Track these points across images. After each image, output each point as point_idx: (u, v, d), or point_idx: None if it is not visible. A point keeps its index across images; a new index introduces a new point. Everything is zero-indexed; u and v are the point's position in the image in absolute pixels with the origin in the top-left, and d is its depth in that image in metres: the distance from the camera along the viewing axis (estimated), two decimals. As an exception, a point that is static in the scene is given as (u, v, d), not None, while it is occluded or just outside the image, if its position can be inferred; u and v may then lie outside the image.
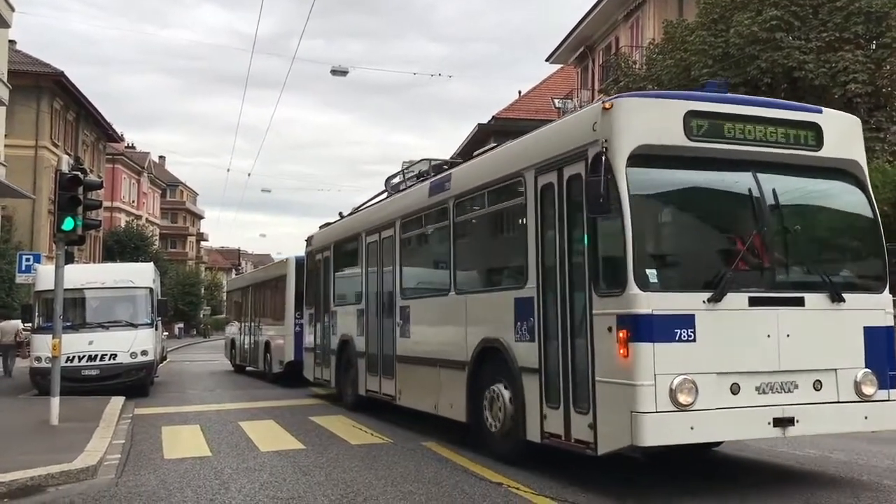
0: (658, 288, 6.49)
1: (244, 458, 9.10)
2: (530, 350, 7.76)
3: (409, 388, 11.02)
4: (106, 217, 53.08)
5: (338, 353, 14.09)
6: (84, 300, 17.50)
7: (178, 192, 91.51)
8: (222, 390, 19.04)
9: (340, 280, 14.68)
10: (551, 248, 7.56)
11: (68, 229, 11.36)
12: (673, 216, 7.39)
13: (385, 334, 11.87)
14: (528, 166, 8.04)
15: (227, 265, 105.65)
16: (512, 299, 8.13)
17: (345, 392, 13.92)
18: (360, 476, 7.87)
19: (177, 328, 66.20)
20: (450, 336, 9.63)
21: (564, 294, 7.30)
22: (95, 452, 8.91)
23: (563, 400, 7.24)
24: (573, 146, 7.25)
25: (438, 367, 9.92)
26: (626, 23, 29.68)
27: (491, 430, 8.56)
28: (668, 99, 7.26)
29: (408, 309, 11.05)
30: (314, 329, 15.78)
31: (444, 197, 10.04)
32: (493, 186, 8.93)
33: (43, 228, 39.46)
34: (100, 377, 16.22)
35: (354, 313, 13.30)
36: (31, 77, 39.58)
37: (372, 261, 12.65)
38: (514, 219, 8.62)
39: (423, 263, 11.60)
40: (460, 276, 9.74)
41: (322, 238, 15.84)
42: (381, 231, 12.22)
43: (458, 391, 9.32)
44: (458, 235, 9.80)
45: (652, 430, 6.25)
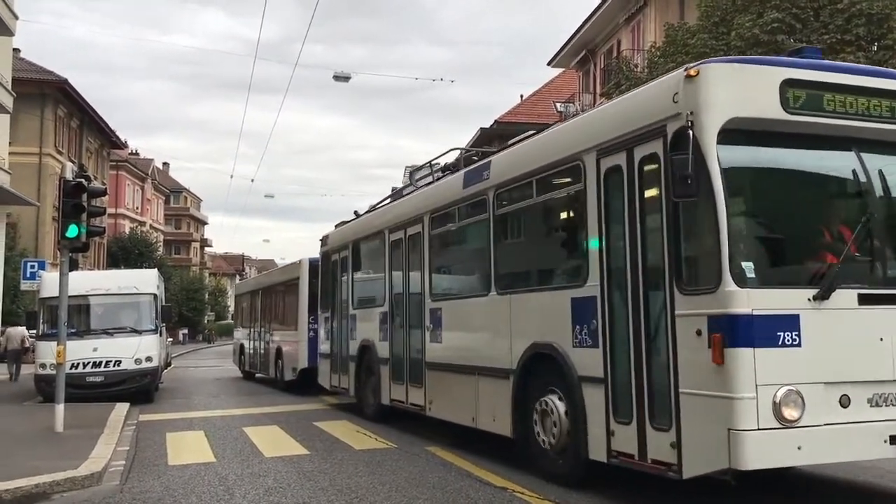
0: (756, 284, 5.68)
1: (249, 463, 9.11)
2: (592, 357, 6.89)
3: (442, 398, 10.16)
4: (110, 224, 53.23)
5: (357, 359, 13.24)
6: (88, 307, 17.53)
7: (181, 198, 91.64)
8: (227, 396, 19.05)
9: (360, 281, 13.94)
10: (618, 241, 6.70)
11: (72, 236, 11.39)
12: (769, 201, 6.38)
13: (412, 339, 11.09)
14: (587, 148, 7.15)
15: (231, 271, 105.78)
16: (568, 299, 7.27)
17: (365, 401, 13.10)
18: (365, 481, 7.88)
19: (181, 334, 66.24)
20: (490, 341, 8.83)
21: (636, 292, 6.43)
22: (100, 459, 8.93)
23: (636, 415, 6.37)
24: (647, 122, 6.39)
25: (476, 375, 9.07)
26: (627, 26, 29.70)
27: (543, 446, 7.69)
28: (762, 65, 6.31)
29: (439, 311, 10.22)
30: (330, 334, 15.04)
31: (482, 187, 9.18)
32: (543, 173, 8.01)
33: (47, 235, 39.56)
34: (104, 384, 16.23)
35: (376, 317, 12.46)
36: (35, 84, 39.73)
37: (396, 260, 11.84)
38: (570, 209, 7.81)
39: (457, 262, 10.72)
40: (502, 274, 8.81)
41: (339, 237, 15.06)
42: (407, 228, 11.42)
43: (501, 402, 8.45)
44: (499, 229, 8.93)
45: (754, 451, 5.41)
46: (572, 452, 7.26)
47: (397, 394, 11.57)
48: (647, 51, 25.19)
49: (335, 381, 14.75)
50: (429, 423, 10.75)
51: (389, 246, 12.11)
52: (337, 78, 27.23)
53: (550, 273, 8.30)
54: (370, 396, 12.80)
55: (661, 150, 6.20)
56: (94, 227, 12.13)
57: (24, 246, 37.46)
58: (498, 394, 8.53)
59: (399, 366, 11.51)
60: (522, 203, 8.56)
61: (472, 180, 9.51)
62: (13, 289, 32.22)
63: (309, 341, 17.68)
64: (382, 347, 12.13)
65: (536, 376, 7.89)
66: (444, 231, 10.53)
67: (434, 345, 10.29)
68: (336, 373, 14.63)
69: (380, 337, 12.26)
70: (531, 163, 8.27)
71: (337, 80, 27.27)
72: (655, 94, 6.49)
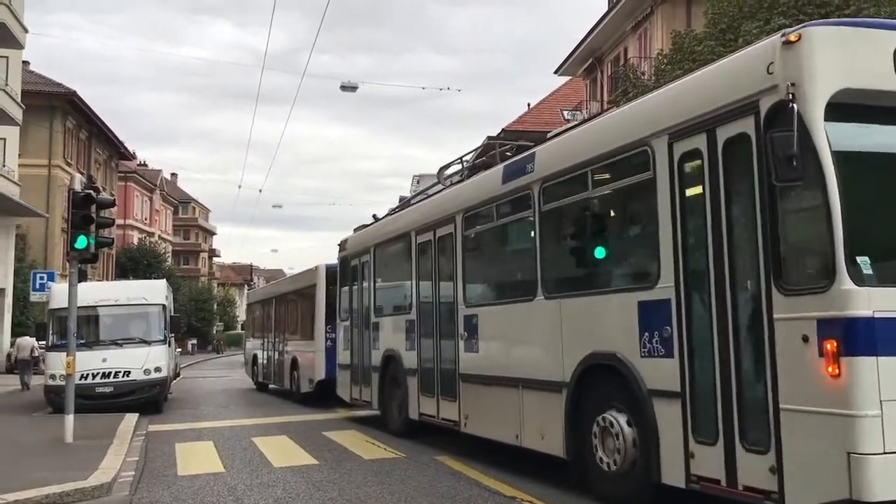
0: (875, 281, 4.90)
1: (258, 473, 9.10)
2: (665, 368, 6.09)
3: (479, 413, 9.35)
4: (119, 234, 53.41)
5: (381, 370, 12.43)
6: (97, 318, 17.60)
7: (190, 208, 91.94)
8: (236, 407, 19.05)
9: (384, 287, 13.20)
10: (698, 235, 5.91)
11: (81, 247, 11.43)
12: (886, 185, 5.53)
13: (443, 348, 10.32)
14: (656, 132, 6.37)
15: (240, 281, 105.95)
16: (634, 303, 6.47)
17: (390, 415, 12.29)
18: (374, 491, 7.86)
19: (190, 344, 66.34)
20: (536, 351, 8.00)
21: (721, 294, 5.62)
22: (110, 469, 8.93)
23: (722, 434, 5.56)
24: (733, 99, 5.59)
25: (521, 388, 8.23)
26: (634, 34, 29.71)
27: (602, 469, 6.86)
28: (874, 29, 5.49)
29: (474, 318, 9.43)
30: (350, 343, 14.23)
31: (525, 182, 8.32)
32: (600, 163, 7.18)
33: (56, 247, 39.74)
34: (113, 394, 16.25)
35: (402, 325, 11.70)
36: (45, 97, 40.00)
37: (424, 264, 11.16)
38: (635, 201, 7.08)
39: (495, 264, 9.93)
40: (551, 277, 7.99)
41: (359, 241, 14.25)
42: (437, 228, 10.64)
43: (551, 419, 7.63)
44: (546, 227, 8.09)
45: (880, 479, 4.62)
46: (639, 476, 6.47)
47: (427, 408, 10.81)
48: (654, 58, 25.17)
49: (356, 394, 13.98)
50: (437, 431, 10.70)
51: (416, 249, 11.38)
52: (344, 88, 27.34)
53: (611, 274, 7.46)
54: (395, 410, 12.03)
55: (752, 130, 5.44)
56: (102, 238, 12.17)
57: (34, 257, 37.67)
58: (547, 409, 7.70)
59: (429, 377, 10.76)
60: (575, 197, 7.67)
61: (514, 175, 8.66)
62: (23, 300, 32.42)
63: (326, 351, 16.92)
64: (409, 357, 11.41)
65: (594, 390, 7.08)
66: (479, 231, 9.82)
67: (469, 355, 9.53)
68: (357, 384, 13.89)
69: (406, 346, 11.52)
70: (586, 152, 7.41)
71: (344, 90, 27.38)
72: (742, 66, 5.70)
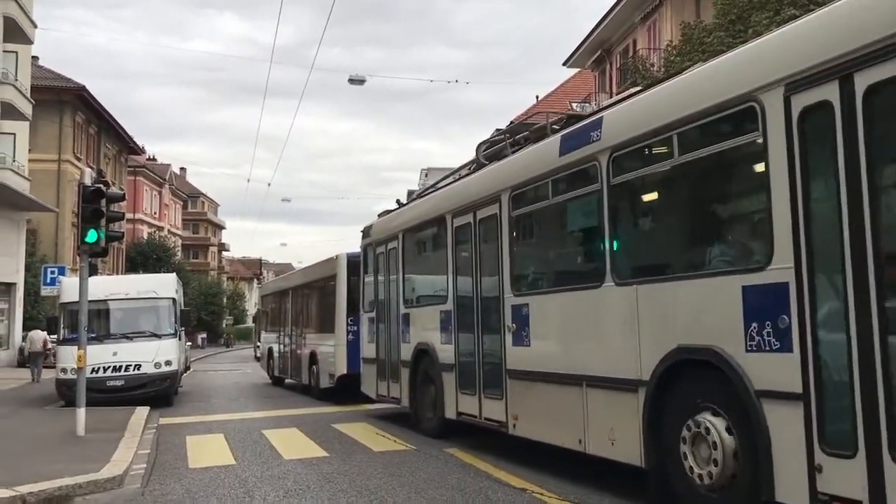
0: None
1: (268, 466, 9.13)
2: (781, 365, 5.14)
3: (531, 413, 8.39)
4: (128, 229, 53.62)
5: (412, 365, 11.58)
6: (108, 311, 17.67)
7: (199, 202, 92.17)
8: (246, 400, 19.13)
9: (414, 276, 12.28)
10: (827, 205, 4.94)
11: (92, 241, 11.47)
12: None
13: (486, 341, 9.43)
14: (767, 84, 5.35)
15: (249, 275, 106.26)
16: (737, 288, 5.51)
17: (422, 413, 11.45)
18: (384, 483, 7.88)
19: (200, 338, 66.62)
20: (605, 344, 7.04)
21: (862, 276, 4.67)
22: (121, 462, 8.98)
23: (864, 445, 4.63)
24: (877, 37, 4.62)
25: (585, 386, 7.26)
26: (643, 25, 29.59)
27: (693, 481, 5.93)
28: None
29: (524, 308, 8.48)
30: (376, 336, 13.36)
31: (589, 152, 7.30)
32: (689, 125, 6.16)
33: (67, 241, 39.92)
34: (124, 388, 16.34)
35: (436, 316, 10.80)
36: (54, 92, 40.12)
37: (463, 248, 10.23)
38: (736, 167, 6.12)
39: (550, 247, 8.90)
40: (624, 260, 7.04)
41: (386, 227, 13.28)
42: (478, 210, 9.70)
43: (624, 422, 6.70)
44: (616, 202, 7.04)
45: None
46: (744, 491, 5.54)
47: (467, 406, 9.90)
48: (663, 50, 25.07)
49: (383, 390, 13.07)
50: (445, 423, 10.68)
51: (453, 233, 10.47)
52: (352, 81, 27.29)
53: (704, 255, 6.32)
54: (428, 408, 11.20)
55: None
56: (112, 232, 12.20)
57: (44, 252, 37.87)
58: (619, 411, 6.78)
59: (468, 373, 9.86)
60: (655, 167, 6.71)
61: (575, 144, 7.65)
62: (34, 294, 32.58)
63: (348, 345, 16.14)
64: (445, 351, 10.54)
65: (681, 390, 6.16)
66: (530, 211, 8.78)
67: (518, 349, 8.59)
68: (384, 380, 12.96)
69: (441, 339, 10.67)
70: (670, 113, 6.39)
71: (352, 83, 27.32)
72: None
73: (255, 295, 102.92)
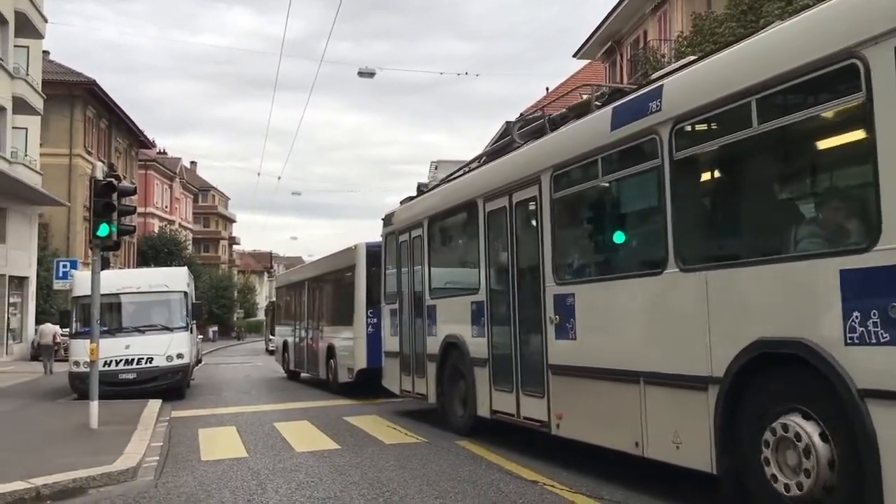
0: None
1: (280, 458, 9.17)
2: (893, 359, 4.52)
3: (578, 412, 7.74)
4: (139, 223, 53.83)
5: (440, 359, 10.97)
6: (120, 305, 17.79)
7: (209, 196, 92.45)
8: (257, 392, 19.20)
9: (441, 265, 11.69)
10: None
11: (104, 235, 11.52)
12: None
13: (524, 334, 8.80)
14: (872, 37, 4.69)
15: (259, 268, 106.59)
16: (834, 273, 4.90)
17: (450, 410, 10.87)
18: (396, 475, 7.90)
19: (211, 331, 66.90)
20: (668, 336, 6.38)
21: None
22: (134, 455, 9.04)
23: None
24: None
25: (642, 383, 6.61)
26: (653, 16, 29.45)
27: (779, 491, 5.27)
28: None
29: (569, 298, 7.86)
30: (399, 329, 12.73)
31: (648, 124, 6.66)
32: (770, 89, 5.45)
33: (79, 235, 40.11)
34: (137, 380, 16.43)
35: (467, 307, 10.17)
36: (65, 86, 40.26)
37: (496, 235, 9.62)
38: (827, 135, 5.47)
39: (599, 231, 8.07)
40: (691, 243, 6.36)
41: (409, 214, 12.63)
42: (514, 193, 9.07)
43: (692, 423, 6.03)
44: (681, 179, 6.37)
45: None
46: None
47: (502, 404, 9.30)
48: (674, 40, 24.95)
49: (407, 385, 12.46)
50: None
51: (485, 218, 9.82)
52: (362, 74, 27.27)
53: (790, 236, 5.63)
54: (458, 405, 10.67)
55: None
56: (124, 225, 12.24)
57: (57, 246, 38.08)
58: (685, 411, 6.17)
59: (504, 368, 9.23)
60: (728, 137, 6.01)
61: (629, 117, 7.04)
62: (46, 288, 32.78)
63: (368, 338, 15.64)
64: (477, 345, 9.93)
65: (763, 388, 5.53)
66: (575, 192, 8.10)
67: (563, 342, 7.93)
68: (409, 375, 12.34)
69: (473, 332, 10.06)
70: (746, 77, 5.71)
71: (362, 75, 27.31)
72: None
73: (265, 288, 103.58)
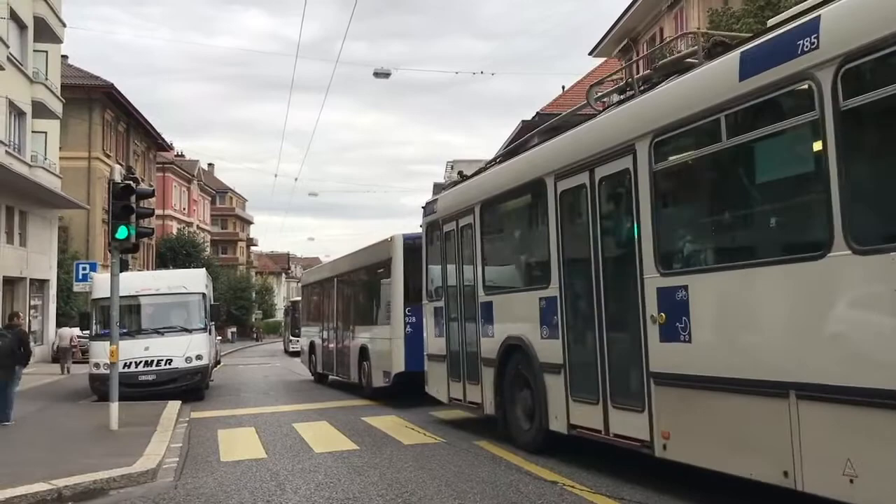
0: None
1: (299, 459, 9.18)
2: None
3: (694, 431, 6.36)
4: (158, 225, 54.18)
5: (499, 364, 9.61)
6: (139, 307, 17.89)
7: (227, 198, 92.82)
8: (276, 393, 19.25)
9: (498, 256, 10.58)
10: None
11: (122, 237, 11.58)
12: None
13: (614, 335, 7.43)
14: None
15: (277, 269, 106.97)
16: None
17: (514, 423, 9.44)
18: (414, 476, 7.88)
19: (230, 332, 67.20)
20: (834, 339, 5.11)
21: None
22: (154, 456, 9.08)
23: None
24: None
25: (793, 397, 5.35)
26: (670, 13, 29.27)
27: None
28: None
29: (680, 292, 6.45)
30: (446, 328, 11.50)
31: (798, 68, 5.32)
32: None
33: (98, 237, 40.37)
34: (156, 382, 16.52)
35: (534, 303, 8.78)
36: (83, 90, 40.53)
37: (572, 217, 8.35)
38: None
39: (724, 205, 6.53)
40: (870, 216, 5.06)
41: (456, 200, 11.38)
42: (597, 167, 7.65)
43: (876, 452, 4.76)
44: (849, 135, 4.98)
45: None
46: None
47: (584, 418, 7.88)
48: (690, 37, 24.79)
49: (456, 393, 11.10)
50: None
51: (558, 199, 8.45)
52: (377, 74, 27.27)
53: None
54: (523, 418, 9.30)
55: None
56: (143, 228, 12.31)
57: (76, 248, 38.35)
58: (864, 436, 4.85)
59: (586, 375, 7.82)
60: None
61: (768, 62, 5.69)
62: (66, 290, 33.05)
63: (406, 338, 14.37)
64: (548, 348, 8.54)
65: None
66: (689, 159, 6.76)
67: (671, 346, 6.57)
68: (458, 381, 11.02)
69: (543, 332, 8.66)
70: None
71: (377, 76, 27.31)
72: None
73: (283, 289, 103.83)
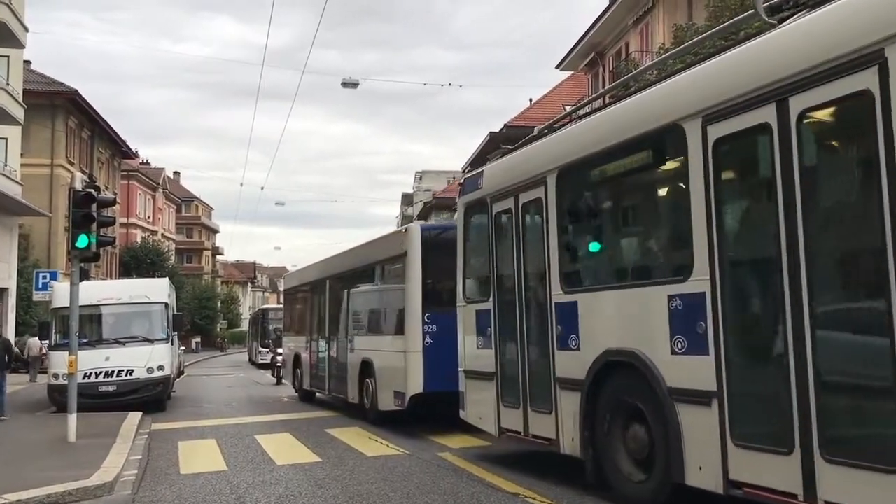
0: None
1: (260, 471, 9.09)
2: None
3: None
4: (122, 233, 53.47)
5: (588, 388, 7.16)
6: (100, 316, 17.62)
7: (192, 206, 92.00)
8: (238, 404, 19.05)
9: (587, 238, 7.86)
10: None
11: (82, 246, 11.43)
12: None
13: (824, 350, 4.88)
14: None
15: (243, 279, 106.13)
16: None
17: (612, 469, 6.97)
18: (376, 488, 7.84)
19: (194, 342, 66.49)
20: None
21: None
22: (112, 468, 8.93)
23: None
24: None
25: None
26: (635, 28, 29.64)
27: None
28: None
29: None
30: (495, 337, 9.00)
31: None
32: None
33: (59, 246, 39.76)
34: (117, 393, 16.29)
35: (658, 304, 6.31)
36: (46, 96, 39.99)
37: (732, 178, 6.06)
38: None
39: None
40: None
41: (515, 169, 8.86)
42: (789, 97, 5.11)
43: None
44: None
45: None
46: None
47: (758, 472, 5.32)
48: (655, 52, 25.11)
49: (512, 423, 8.56)
50: (440, 425, 10.47)
51: (708, 153, 5.85)
52: (345, 84, 27.33)
53: None
54: (628, 463, 6.83)
55: None
56: (104, 237, 12.15)
57: (37, 257, 37.70)
58: None
59: (752, 408, 5.52)
60: None
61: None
62: (26, 299, 32.46)
63: (425, 351, 11.79)
64: (684, 367, 6.04)
65: None
66: None
67: None
68: (515, 407, 8.48)
69: (675, 345, 6.14)
70: None
71: (345, 86, 27.38)
72: None
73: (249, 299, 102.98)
